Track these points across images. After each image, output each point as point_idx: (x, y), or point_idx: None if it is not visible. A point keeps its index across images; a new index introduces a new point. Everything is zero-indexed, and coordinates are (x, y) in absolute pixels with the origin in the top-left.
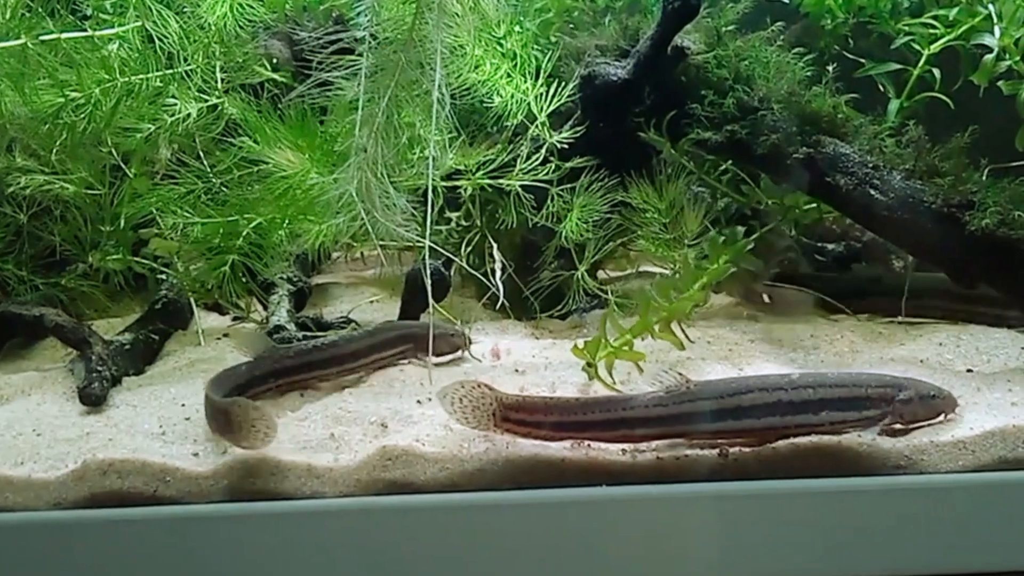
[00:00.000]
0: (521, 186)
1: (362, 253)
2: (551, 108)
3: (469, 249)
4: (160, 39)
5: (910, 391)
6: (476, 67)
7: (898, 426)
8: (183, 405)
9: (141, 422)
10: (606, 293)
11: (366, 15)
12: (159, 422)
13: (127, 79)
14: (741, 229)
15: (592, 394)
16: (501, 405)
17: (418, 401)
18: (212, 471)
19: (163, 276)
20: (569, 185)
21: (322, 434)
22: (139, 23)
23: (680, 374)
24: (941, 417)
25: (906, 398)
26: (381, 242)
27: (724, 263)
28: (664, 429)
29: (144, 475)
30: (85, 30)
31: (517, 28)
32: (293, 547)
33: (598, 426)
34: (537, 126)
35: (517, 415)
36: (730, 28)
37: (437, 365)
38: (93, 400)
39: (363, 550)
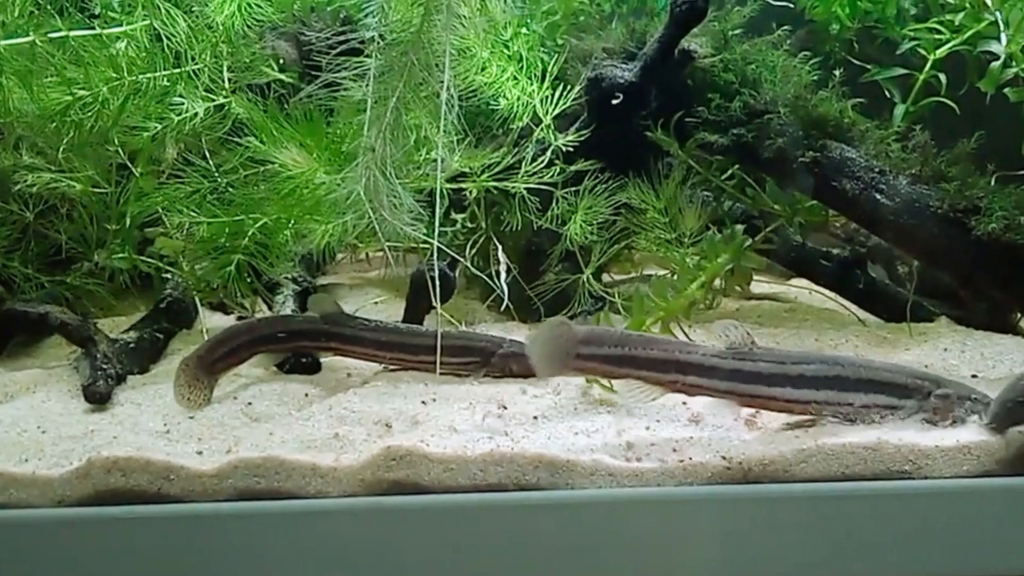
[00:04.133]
0: (527, 189)
1: (367, 254)
2: (557, 111)
3: (474, 251)
4: (168, 38)
5: (949, 389)
6: (483, 69)
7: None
8: None
9: (145, 420)
10: (610, 296)
11: (375, 16)
12: (163, 420)
13: (135, 78)
14: (740, 227)
15: (594, 396)
16: (574, 342)
17: (423, 402)
18: (216, 470)
19: (168, 275)
20: (574, 188)
21: (326, 434)
22: (147, 22)
23: (748, 333)
24: (975, 418)
25: (943, 394)
26: (388, 243)
27: (721, 262)
28: (718, 384)
29: (148, 473)
30: (93, 28)
31: (524, 31)
32: (297, 546)
33: (656, 365)
34: (543, 128)
35: (587, 349)
36: (737, 32)
37: (443, 373)
38: (98, 398)
39: (367, 550)
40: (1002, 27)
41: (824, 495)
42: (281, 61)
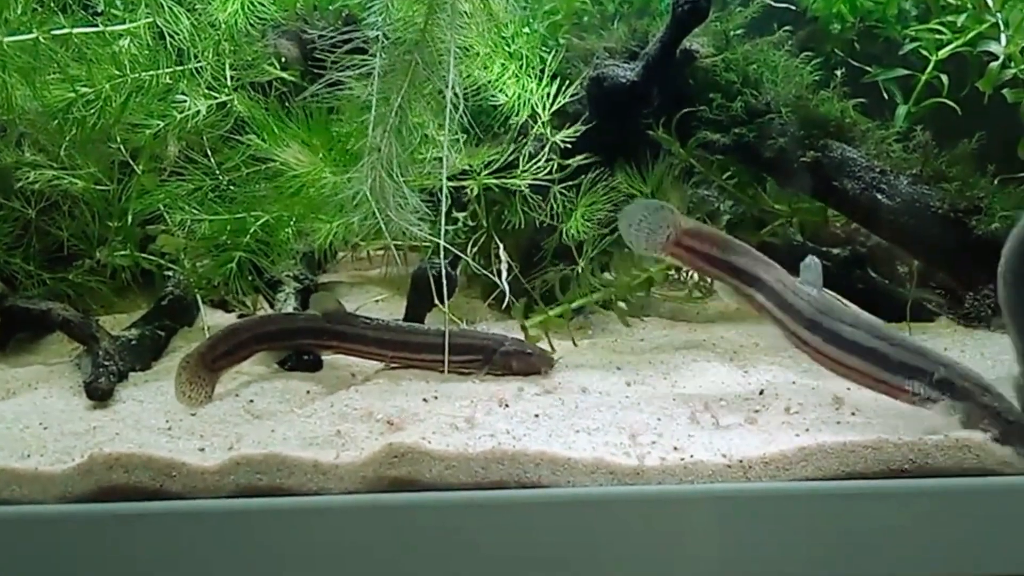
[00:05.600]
0: (528, 187)
1: (368, 252)
2: (556, 107)
3: (475, 249)
4: (171, 36)
5: (987, 400)
6: (484, 67)
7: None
8: None
9: (147, 417)
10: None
11: (378, 15)
12: (165, 417)
13: (137, 75)
14: (726, 218)
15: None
16: (680, 230)
17: (424, 399)
18: (218, 466)
19: (170, 272)
20: (574, 182)
21: (328, 431)
22: (150, 19)
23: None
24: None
25: (983, 404)
26: (392, 241)
27: None
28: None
29: (150, 469)
30: (96, 26)
31: (526, 30)
32: (298, 543)
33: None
34: (542, 124)
35: (691, 242)
36: (738, 32)
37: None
38: (99, 395)
39: (368, 547)
40: (1002, 27)
41: (824, 493)
42: (283, 59)
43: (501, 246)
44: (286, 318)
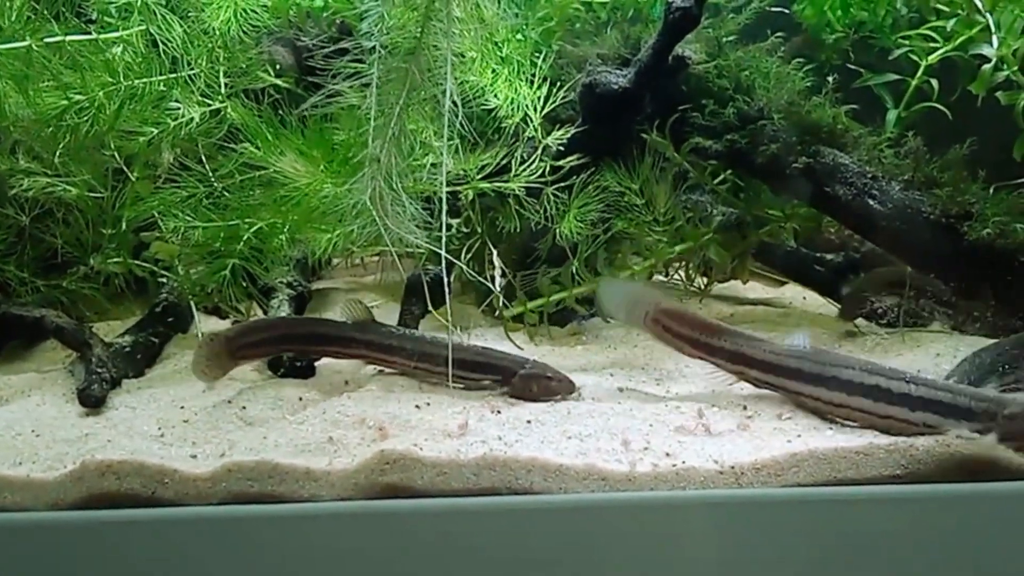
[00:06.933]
0: (521, 192)
1: (362, 259)
2: (550, 114)
3: (469, 255)
4: (164, 43)
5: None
6: (478, 73)
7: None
8: (182, 408)
9: (140, 424)
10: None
11: (374, 24)
12: (158, 424)
13: (131, 82)
14: (718, 220)
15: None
16: (657, 309)
17: (416, 406)
18: (210, 473)
19: (164, 279)
20: (566, 183)
21: (320, 437)
22: (143, 27)
23: (809, 341)
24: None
25: (1011, 414)
26: (389, 248)
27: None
28: (772, 378)
29: (142, 477)
30: (90, 33)
31: (519, 36)
32: (290, 550)
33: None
34: (534, 128)
35: (669, 321)
36: (731, 38)
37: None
38: (92, 402)
39: (360, 554)
40: (993, 29)
41: (815, 499)
42: (277, 67)
43: (495, 252)
44: (317, 323)
